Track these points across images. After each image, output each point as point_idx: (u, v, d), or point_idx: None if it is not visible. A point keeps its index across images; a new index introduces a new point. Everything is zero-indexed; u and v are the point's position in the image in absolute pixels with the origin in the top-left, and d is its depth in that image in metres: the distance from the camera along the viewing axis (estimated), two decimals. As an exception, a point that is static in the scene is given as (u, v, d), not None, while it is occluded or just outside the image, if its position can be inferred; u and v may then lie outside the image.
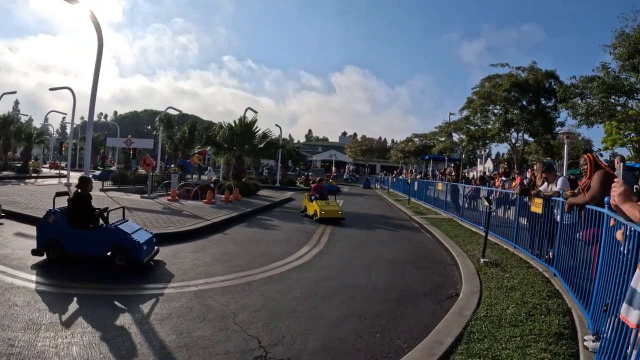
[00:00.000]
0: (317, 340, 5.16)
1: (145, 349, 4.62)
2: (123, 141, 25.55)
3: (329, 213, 16.35)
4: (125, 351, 4.54)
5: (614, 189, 3.32)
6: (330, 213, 16.39)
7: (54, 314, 5.47)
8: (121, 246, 7.95)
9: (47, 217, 8.41)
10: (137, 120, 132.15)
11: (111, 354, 4.45)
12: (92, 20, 13.07)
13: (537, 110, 33.29)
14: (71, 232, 8.19)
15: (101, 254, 8.04)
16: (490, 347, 4.76)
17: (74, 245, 8.10)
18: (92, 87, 13.27)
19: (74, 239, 8.13)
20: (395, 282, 8.12)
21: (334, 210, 16.70)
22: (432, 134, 59.04)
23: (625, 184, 3.28)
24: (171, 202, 18.46)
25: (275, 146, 33.69)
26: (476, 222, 14.47)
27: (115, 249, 8.01)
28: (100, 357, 4.38)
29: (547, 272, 8.14)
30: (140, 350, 4.60)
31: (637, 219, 3.07)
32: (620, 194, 3.23)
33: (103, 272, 7.64)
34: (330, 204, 17.46)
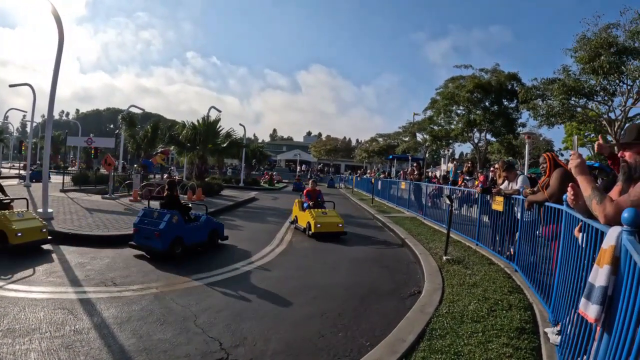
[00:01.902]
0: (279, 340, 5.13)
1: (104, 354, 4.51)
2: (84, 140, 25.02)
3: (326, 226, 12.70)
4: (84, 356, 4.43)
5: (571, 161, 3.39)
6: (328, 226, 12.73)
7: (11, 320, 5.30)
8: (215, 231, 10.71)
9: (172, 218, 9.34)
10: (99, 119, 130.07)
11: (69, 360, 4.33)
12: (54, 14, 12.70)
13: (500, 111, 33.99)
14: (187, 227, 9.77)
15: (205, 239, 10.27)
16: (453, 343, 4.80)
17: (189, 238, 9.72)
18: (51, 83, 12.90)
19: (189, 232, 9.77)
20: (359, 281, 8.14)
21: (333, 223, 12.92)
22: (397, 134, 59.81)
23: (581, 156, 3.36)
24: (133, 202, 18.20)
25: (239, 145, 33.55)
26: (439, 221, 14.61)
27: (212, 234, 10.53)
28: (58, 362, 4.26)
29: (508, 269, 8.27)
30: (99, 355, 4.49)
31: (588, 193, 3.14)
32: (577, 166, 3.31)
33: (62, 276, 7.42)
34: (329, 213, 13.46)
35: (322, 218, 12.95)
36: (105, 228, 11.34)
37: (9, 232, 8.62)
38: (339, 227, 12.84)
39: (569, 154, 3.85)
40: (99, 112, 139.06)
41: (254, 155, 52.52)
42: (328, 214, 13.34)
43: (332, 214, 13.50)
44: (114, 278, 7.42)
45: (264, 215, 17.90)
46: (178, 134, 28.91)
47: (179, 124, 32.38)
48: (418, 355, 4.56)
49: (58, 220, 12.02)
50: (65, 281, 7.14)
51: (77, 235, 10.50)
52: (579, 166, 3.32)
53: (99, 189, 22.98)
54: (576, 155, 3.38)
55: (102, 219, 12.81)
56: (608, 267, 2.78)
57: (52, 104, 13.20)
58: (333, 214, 13.53)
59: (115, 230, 11.09)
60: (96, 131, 75.50)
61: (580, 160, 3.33)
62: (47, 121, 13.63)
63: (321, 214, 13.19)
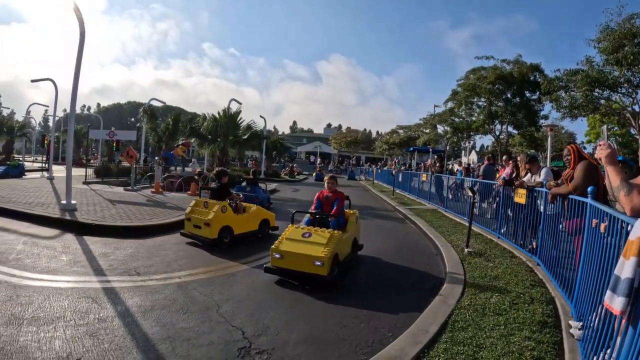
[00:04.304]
0: (301, 330, 5.16)
1: (128, 342, 4.58)
2: (106, 133, 25.25)
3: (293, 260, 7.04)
4: (108, 344, 4.50)
5: (600, 150, 3.35)
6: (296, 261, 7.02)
7: (36, 308, 5.39)
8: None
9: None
10: (120, 113, 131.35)
11: (94, 347, 4.40)
12: (75, 11, 12.69)
13: (522, 103, 33.62)
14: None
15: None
16: (474, 335, 4.79)
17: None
18: (74, 77, 12.97)
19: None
20: (380, 272, 8.14)
21: (306, 257, 6.93)
22: (417, 125, 59.51)
23: (612, 146, 3.32)
24: (155, 194, 18.34)
25: (259, 138, 33.67)
26: (460, 213, 14.54)
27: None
28: (83, 350, 4.33)
29: (530, 262, 8.21)
30: (123, 342, 4.56)
31: (617, 184, 3.11)
32: (607, 156, 3.28)
33: (86, 265, 7.53)
34: (314, 238, 7.37)
35: (292, 245, 7.27)
36: (128, 219, 11.46)
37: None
38: (315, 266, 6.79)
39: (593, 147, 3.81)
40: (120, 105, 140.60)
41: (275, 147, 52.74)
42: (311, 238, 7.34)
43: (321, 238, 7.30)
44: (137, 268, 7.51)
45: (286, 206, 17.91)
46: (199, 126, 29.09)
47: (200, 116, 32.59)
48: (440, 347, 4.55)
49: (82, 212, 12.17)
50: (89, 271, 7.24)
51: (101, 226, 10.62)
52: (609, 156, 3.28)
53: (121, 181, 23.24)
54: (606, 144, 3.33)
55: (124, 210, 12.96)
56: (635, 259, 2.76)
57: (75, 99, 13.31)
58: (321, 238, 7.29)
59: (137, 221, 11.21)
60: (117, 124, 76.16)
61: (611, 150, 3.29)
62: (70, 115, 13.77)
63: (300, 237, 7.46)
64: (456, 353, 4.43)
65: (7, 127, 42.31)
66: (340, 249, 7.43)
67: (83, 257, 8.09)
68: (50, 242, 9.26)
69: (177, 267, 7.72)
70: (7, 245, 8.55)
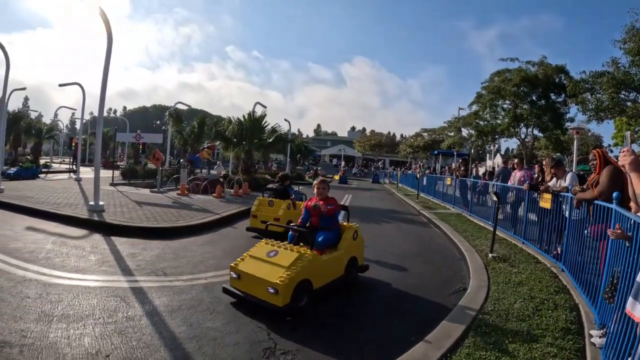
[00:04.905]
0: (326, 335, 5.20)
1: (156, 340, 4.70)
2: (132, 136, 25.63)
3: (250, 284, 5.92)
4: (136, 342, 4.62)
5: (623, 157, 3.35)
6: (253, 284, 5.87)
7: (65, 306, 5.55)
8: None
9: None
10: (145, 116, 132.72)
11: (122, 345, 4.53)
12: (101, 15, 12.92)
13: (547, 106, 33.22)
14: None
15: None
16: (497, 341, 4.80)
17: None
18: (102, 82, 13.21)
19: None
20: (404, 275, 8.15)
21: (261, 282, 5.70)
22: (441, 128, 59.11)
23: (634, 153, 3.32)
24: (181, 196, 18.54)
25: (284, 141, 33.78)
26: (485, 218, 14.45)
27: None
28: (112, 347, 4.46)
29: (555, 268, 8.15)
30: (151, 341, 4.68)
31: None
32: (631, 163, 3.27)
33: (114, 265, 7.70)
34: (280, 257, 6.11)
35: (252, 264, 6.14)
36: (154, 220, 11.63)
37: None
38: (269, 294, 5.55)
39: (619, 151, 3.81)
40: (145, 108, 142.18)
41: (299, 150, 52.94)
42: (275, 258, 6.08)
43: (285, 259, 6.01)
44: (164, 268, 7.65)
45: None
46: (224, 129, 29.33)
47: (225, 119, 32.88)
48: (463, 352, 4.57)
49: (109, 213, 12.40)
50: (117, 270, 7.40)
51: (128, 226, 10.83)
52: (633, 163, 3.27)
53: (147, 183, 23.57)
54: (629, 151, 3.33)
55: (151, 212, 13.15)
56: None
57: (103, 103, 13.57)
58: (285, 259, 5.99)
59: (164, 223, 11.39)
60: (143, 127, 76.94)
61: (634, 156, 3.29)
62: (98, 119, 14.02)
63: (264, 255, 6.26)
64: (479, 358, 4.46)
65: (35, 130, 43.45)
66: (315, 273, 6.11)
67: (111, 257, 8.27)
68: (78, 242, 9.48)
69: (204, 269, 7.83)
70: (37, 245, 8.80)
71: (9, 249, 8.32)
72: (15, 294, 5.88)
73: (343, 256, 7.02)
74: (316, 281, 6.14)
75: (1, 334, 4.57)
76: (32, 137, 43.90)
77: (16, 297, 5.75)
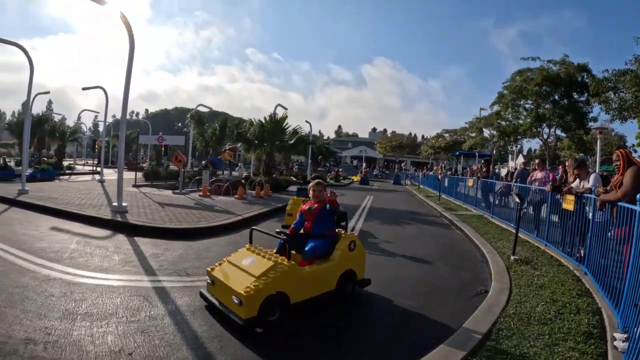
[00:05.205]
0: (347, 337, 5.21)
1: (178, 339, 4.76)
2: (155, 138, 25.87)
3: (222, 291, 5.52)
4: (158, 340, 4.69)
5: None
6: (224, 292, 5.48)
7: (89, 305, 5.64)
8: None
9: None
10: (167, 118, 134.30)
11: (145, 343, 4.59)
12: (123, 20, 13.03)
13: (569, 105, 32.86)
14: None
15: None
16: (519, 344, 4.77)
17: None
18: (124, 85, 13.35)
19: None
20: (425, 277, 8.13)
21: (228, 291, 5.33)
22: (463, 129, 58.77)
23: None
24: (203, 197, 18.68)
25: (305, 142, 33.90)
26: (506, 219, 14.34)
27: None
28: (135, 345, 4.53)
29: (577, 271, 8.06)
30: (173, 339, 4.74)
31: None
32: None
33: (137, 265, 7.80)
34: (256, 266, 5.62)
35: (227, 270, 5.79)
36: (177, 221, 11.74)
37: None
38: (234, 304, 5.15)
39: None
40: (167, 111, 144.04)
41: (320, 151, 52.93)
42: (249, 266, 5.66)
43: (258, 267, 5.52)
44: (186, 269, 7.73)
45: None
46: (246, 131, 29.57)
47: (246, 121, 33.09)
48: (484, 354, 4.55)
49: (132, 214, 12.56)
50: (140, 270, 7.50)
51: (151, 227, 10.95)
52: None
53: (170, 185, 23.76)
54: None
55: (173, 213, 13.27)
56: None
57: (126, 106, 13.74)
58: (258, 268, 5.50)
59: (186, 224, 11.49)
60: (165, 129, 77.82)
61: None
62: (121, 121, 14.16)
63: (240, 262, 5.90)
64: (499, 361, 4.44)
65: (59, 133, 44.21)
66: (292, 285, 5.53)
67: (134, 257, 8.38)
68: (102, 242, 9.64)
69: (225, 270, 7.88)
70: (61, 245, 8.98)
71: (34, 249, 8.49)
72: (40, 292, 5.99)
73: (335, 268, 6.28)
74: (295, 294, 5.55)
75: (26, 331, 4.66)
76: (56, 140, 44.64)
77: (41, 295, 5.87)
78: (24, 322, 4.89)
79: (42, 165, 28.77)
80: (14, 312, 5.17)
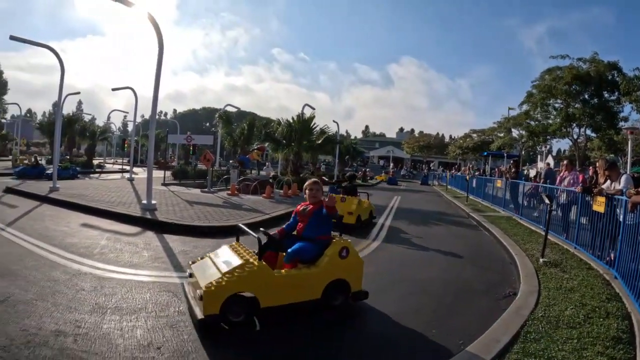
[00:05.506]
0: (373, 333, 5.23)
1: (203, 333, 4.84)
2: (184, 138, 26.16)
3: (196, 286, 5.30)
4: (187, 335, 4.76)
5: None
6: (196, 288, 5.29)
7: (119, 299, 5.76)
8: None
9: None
10: (195, 118, 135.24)
11: (173, 338, 4.67)
12: (151, 21, 13.14)
13: (600, 104, 32.23)
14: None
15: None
16: (547, 347, 4.71)
17: None
18: (154, 86, 13.56)
19: None
20: (453, 278, 8.09)
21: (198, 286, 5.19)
22: (491, 129, 58.09)
23: None
24: (231, 196, 18.86)
25: (332, 142, 33.91)
26: (535, 221, 14.18)
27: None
28: (164, 340, 4.61)
29: (607, 274, 7.91)
30: (200, 333, 4.82)
31: None
32: None
33: (166, 262, 7.92)
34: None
35: (205, 265, 5.70)
36: (205, 219, 11.89)
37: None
38: (197, 299, 5.08)
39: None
40: (195, 111, 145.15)
41: (347, 151, 52.89)
42: (221, 263, 5.48)
43: (226, 265, 5.34)
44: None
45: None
46: (273, 131, 29.76)
47: (274, 121, 33.29)
48: (511, 357, 4.51)
49: (161, 212, 12.74)
50: (169, 267, 7.62)
51: (180, 225, 11.10)
52: None
53: (198, 183, 24.03)
54: None
55: (202, 211, 13.42)
56: None
57: (156, 106, 14.00)
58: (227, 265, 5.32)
59: (215, 222, 11.63)
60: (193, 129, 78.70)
61: None
62: (151, 121, 14.36)
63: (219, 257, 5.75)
64: (527, 364, 4.41)
65: (89, 132, 45.13)
66: (263, 288, 5.20)
67: (163, 253, 8.52)
68: (132, 238, 9.84)
69: (252, 267, 7.95)
70: (92, 241, 9.18)
71: (66, 244, 8.69)
72: (71, 286, 6.14)
73: (320, 276, 5.71)
74: (267, 299, 5.18)
75: (56, 323, 4.77)
76: (86, 139, 45.60)
77: (71, 289, 6.01)
78: (54, 315, 5.01)
79: (64, 163, 29.01)
80: (45, 305, 5.30)
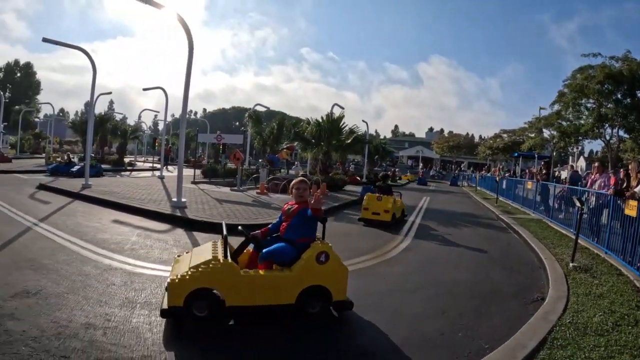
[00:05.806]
0: (399, 335, 5.20)
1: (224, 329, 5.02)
2: (214, 137, 26.43)
3: None
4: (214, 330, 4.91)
5: None
6: None
7: (148, 294, 5.91)
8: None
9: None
10: (225, 117, 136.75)
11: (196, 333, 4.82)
12: (181, 22, 13.26)
13: (633, 104, 31.49)
14: None
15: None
16: (573, 354, 4.67)
17: None
18: (184, 86, 13.79)
19: None
20: (481, 281, 8.06)
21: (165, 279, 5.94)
22: (522, 129, 57.26)
23: None
24: (260, 195, 19.01)
25: (362, 142, 33.95)
26: (566, 224, 14.00)
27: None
28: (188, 333, 4.78)
29: (638, 281, 7.78)
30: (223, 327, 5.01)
31: None
32: None
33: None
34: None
35: (186, 260, 5.68)
36: (235, 218, 12.05)
37: None
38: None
39: None
40: (225, 110, 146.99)
41: (377, 151, 52.71)
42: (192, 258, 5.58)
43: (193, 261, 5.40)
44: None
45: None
46: (303, 130, 29.86)
47: (303, 120, 33.36)
48: (537, 363, 4.50)
49: (191, 210, 12.94)
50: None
51: (209, 223, 11.26)
52: None
53: (227, 182, 24.20)
54: None
55: (231, 209, 13.60)
56: None
57: (186, 105, 14.28)
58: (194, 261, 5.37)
59: (244, 220, 11.75)
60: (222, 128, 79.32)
61: None
62: (181, 121, 14.60)
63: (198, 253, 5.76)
64: (553, 371, 4.38)
65: (120, 131, 46.10)
66: (228, 286, 5.12)
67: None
68: (161, 235, 10.06)
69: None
70: (123, 237, 9.42)
71: (97, 240, 8.92)
72: (102, 281, 6.32)
73: (294, 280, 5.39)
74: (233, 297, 5.10)
75: (87, 316, 4.92)
76: (117, 138, 46.64)
77: (102, 284, 6.18)
78: (85, 308, 5.16)
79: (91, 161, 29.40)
80: (76, 299, 5.46)
